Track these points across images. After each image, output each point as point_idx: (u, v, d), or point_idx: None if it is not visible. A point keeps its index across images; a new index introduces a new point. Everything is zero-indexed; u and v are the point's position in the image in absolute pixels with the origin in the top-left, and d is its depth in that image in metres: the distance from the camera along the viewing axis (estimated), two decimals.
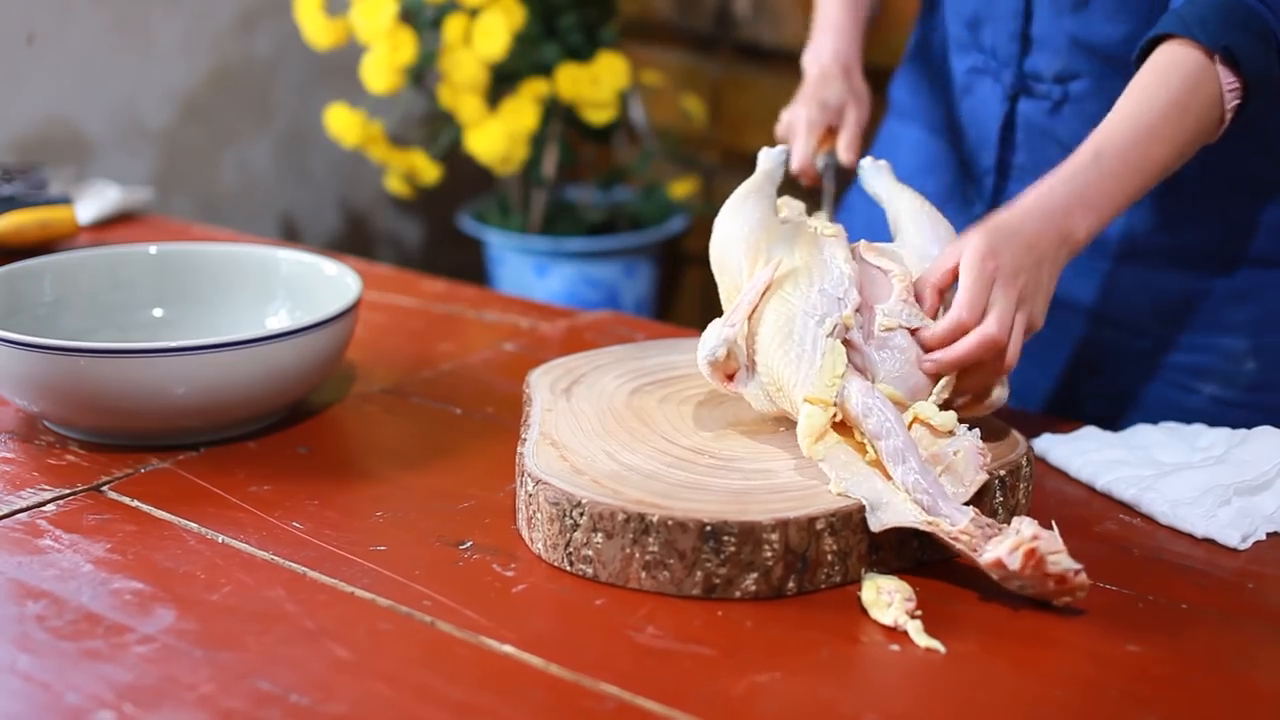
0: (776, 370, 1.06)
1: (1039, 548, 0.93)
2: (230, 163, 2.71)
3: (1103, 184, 1.14)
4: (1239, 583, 1.01)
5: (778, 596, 0.97)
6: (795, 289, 1.08)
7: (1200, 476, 1.11)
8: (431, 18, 2.60)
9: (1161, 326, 1.35)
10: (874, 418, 1.01)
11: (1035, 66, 1.35)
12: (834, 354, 1.04)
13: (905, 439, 1.00)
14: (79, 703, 0.85)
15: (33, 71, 2.35)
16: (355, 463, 1.21)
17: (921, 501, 0.97)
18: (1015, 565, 0.93)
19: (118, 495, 1.11)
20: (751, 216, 1.17)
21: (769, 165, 1.25)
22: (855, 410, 1.02)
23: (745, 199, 1.19)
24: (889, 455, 1.00)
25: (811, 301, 1.07)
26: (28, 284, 1.31)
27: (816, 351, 1.04)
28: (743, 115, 2.86)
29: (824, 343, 1.05)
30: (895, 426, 1.00)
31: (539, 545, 1.02)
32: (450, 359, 1.43)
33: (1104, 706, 0.86)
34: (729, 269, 1.16)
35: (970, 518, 0.96)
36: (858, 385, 1.03)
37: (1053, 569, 0.93)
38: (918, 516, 0.97)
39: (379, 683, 0.87)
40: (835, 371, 1.04)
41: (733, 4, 2.86)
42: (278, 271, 1.38)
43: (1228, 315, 1.34)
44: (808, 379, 1.04)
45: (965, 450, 1.02)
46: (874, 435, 1.01)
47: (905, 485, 0.98)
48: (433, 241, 3.13)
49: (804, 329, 1.06)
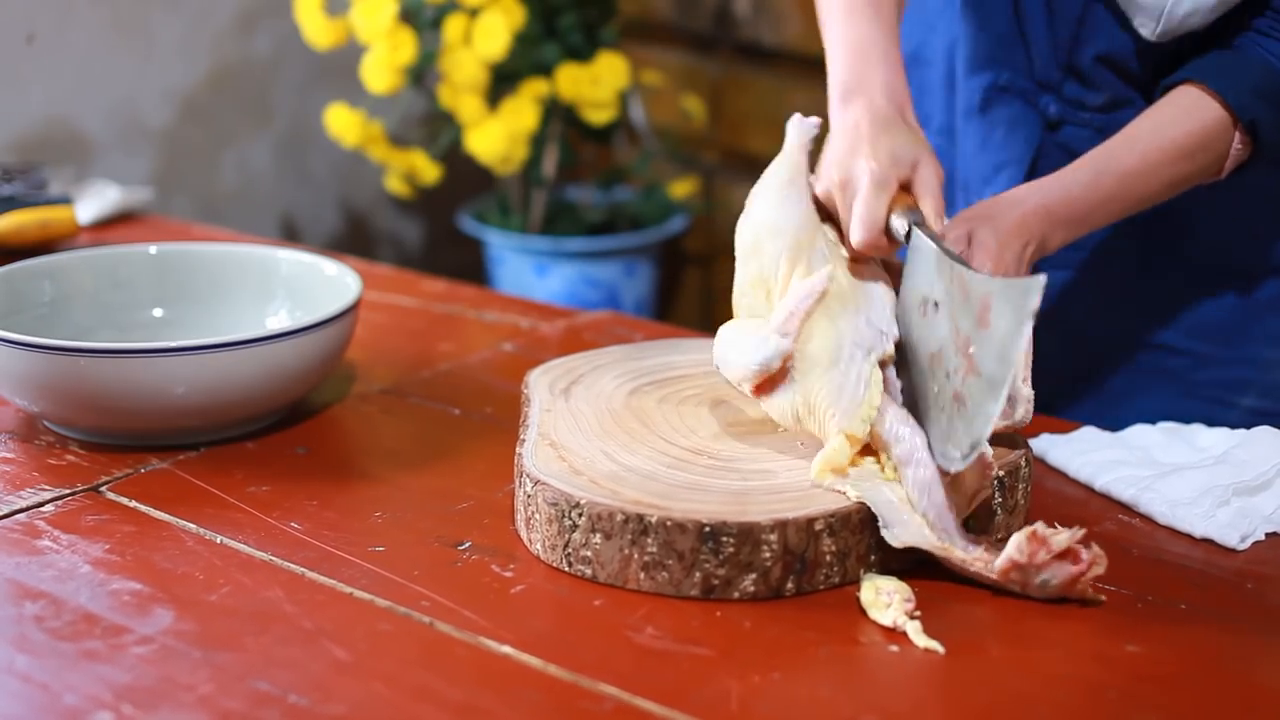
0: (815, 393, 1.04)
1: (1038, 529, 0.94)
2: (230, 163, 2.71)
3: (1092, 204, 1.16)
4: (1238, 583, 1.01)
5: (776, 597, 0.97)
6: (843, 312, 1.06)
7: (1199, 477, 1.11)
8: (431, 18, 2.60)
9: (1196, 343, 1.35)
10: (904, 445, 1.01)
11: (1079, 94, 1.32)
12: (874, 387, 1.03)
13: (933, 472, 0.99)
14: (77, 703, 0.85)
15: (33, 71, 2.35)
16: (354, 463, 1.21)
17: (938, 533, 0.98)
18: (1026, 552, 0.94)
19: (116, 496, 1.11)
20: (796, 211, 1.10)
21: (802, 139, 1.13)
22: (886, 435, 1.02)
23: (788, 186, 1.11)
24: (915, 483, 0.99)
25: (859, 331, 1.05)
26: (28, 284, 1.31)
27: (860, 384, 1.03)
28: (743, 115, 2.86)
29: (868, 374, 1.03)
30: (924, 457, 1.00)
31: (537, 546, 1.02)
32: (450, 359, 1.43)
33: (1103, 706, 0.86)
34: (763, 258, 1.10)
35: (984, 549, 0.97)
36: (893, 412, 1.02)
37: (1059, 545, 0.94)
38: (933, 540, 0.98)
39: (378, 683, 0.87)
40: (873, 404, 1.02)
41: (733, 4, 2.86)
42: (278, 271, 1.38)
43: (1260, 326, 1.34)
44: (846, 410, 1.02)
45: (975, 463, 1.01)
46: (902, 461, 1.00)
47: (923, 514, 0.99)
48: (433, 241, 3.13)
49: (850, 359, 1.04)
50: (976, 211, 1.15)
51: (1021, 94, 1.35)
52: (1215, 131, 1.17)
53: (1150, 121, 1.19)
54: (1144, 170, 1.17)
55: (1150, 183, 1.18)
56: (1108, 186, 1.16)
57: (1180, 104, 1.19)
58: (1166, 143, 1.17)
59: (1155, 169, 1.17)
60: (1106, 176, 1.16)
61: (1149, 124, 1.19)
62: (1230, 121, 1.17)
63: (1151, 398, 1.37)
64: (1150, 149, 1.17)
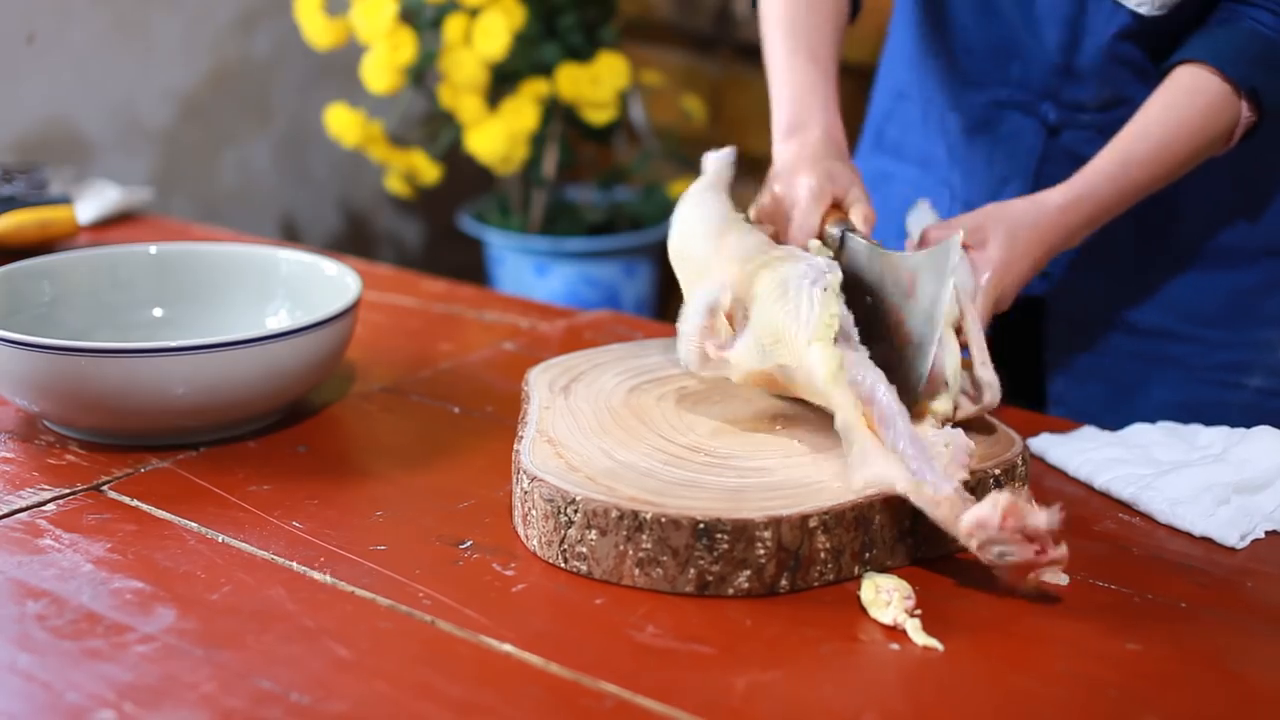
0: (776, 321, 1.06)
1: (1020, 501, 0.94)
2: (230, 163, 2.71)
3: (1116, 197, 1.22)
4: (1238, 581, 1.02)
5: (771, 594, 0.97)
6: (783, 263, 1.09)
7: (1199, 475, 1.11)
8: (431, 18, 2.60)
9: (1198, 328, 1.38)
10: (865, 385, 1.02)
11: (1077, 97, 1.34)
12: (828, 304, 1.05)
13: (895, 405, 1.01)
14: (79, 702, 0.85)
15: (33, 71, 2.35)
16: (355, 462, 1.21)
17: (909, 465, 0.98)
18: (995, 521, 0.93)
19: (118, 495, 1.11)
20: (712, 208, 1.18)
21: (716, 168, 1.23)
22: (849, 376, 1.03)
23: (703, 193, 1.20)
24: (879, 419, 1.01)
25: (801, 271, 1.08)
26: (28, 284, 1.31)
27: (815, 305, 1.05)
28: (743, 115, 2.86)
29: (819, 296, 1.05)
30: (886, 393, 1.02)
31: (534, 542, 1.02)
32: (450, 358, 1.43)
33: (1103, 705, 0.86)
34: (692, 257, 1.17)
35: (955, 487, 0.97)
36: (851, 357, 1.04)
37: (1033, 525, 0.93)
38: (902, 477, 0.97)
39: (379, 681, 0.87)
40: (831, 311, 1.04)
41: (733, 4, 2.87)
42: (278, 271, 1.38)
43: (1261, 307, 1.37)
44: (808, 325, 1.04)
45: (956, 445, 1.02)
46: (865, 400, 1.02)
47: (894, 448, 0.99)
48: (433, 241, 3.13)
49: (799, 289, 1.06)
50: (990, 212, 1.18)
51: (1020, 106, 1.37)
52: (1220, 105, 1.21)
53: (1158, 107, 1.22)
54: (1161, 156, 1.21)
55: (1168, 165, 1.22)
56: (1131, 177, 1.21)
57: (1182, 85, 1.22)
58: (1176, 125, 1.21)
59: (1172, 152, 1.21)
60: (1128, 168, 1.21)
61: (1157, 110, 1.22)
62: (1232, 93, 1.21)
63: (1161, 385, 1.39)
64: (1164, 134, 1.21)
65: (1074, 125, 1.35)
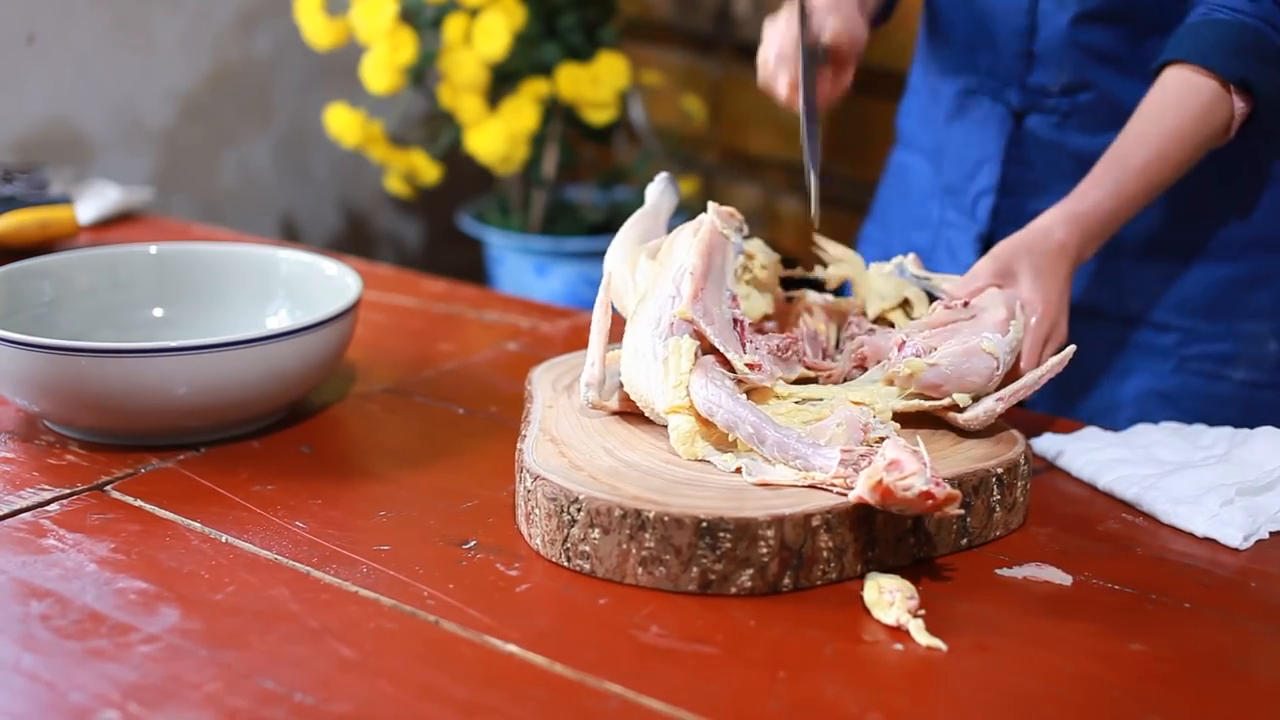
0: (640, 391, 1.08)
1: (885, 479, 0.94)
2: (230, 163, 2.71)
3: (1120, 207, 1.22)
4: (1242, 581, 1.02)
5: (774, 593, 0.97)
6: (642, 309, 1.11)
7: (1202, 475, 1.11)
8: (431, 18, 2.60)
9: (1185, 319, 1.39)
10: (720, 414, 1.03)
11: (1040, 81, 1.37)
12: (676, 354, 1.06)
13: (755, 419, 1.02)
14: (83, 701, 0.85)
15: (33, 71, 2.35)
16: (358, 462, 1.21)
17: (794, 465, 1.01)
18: (875, 501, 0.95)
19: (121, 495, 1.11)
20: (630, 233, 1.22)
21: (652, 197, 1.28)
22: (703, 411, 1.04)
23: (635, 221, 1.24)
24: (748, 441, 1.03)
25: (649, 315, 1.09)
26: (27, 284, 1.31)
27: (659, 363, 1.06)
28: (743, 115, 2.86)
29: (662, 347, 1.07)
30: (742, 412, 1.03)
31: (537, 541, 1.02)
32: (451, 359, 1.43)
33: (1107, 705, 0.86)
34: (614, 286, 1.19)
35: (838, 459, 0.99)
36: (698, 383, 1.05)
37: (903, 495, 0.94)
38: (793, 476, 1.00)
39: (383, 682, 0.87)
40: (681, 369, 1.06)
41: (733, 4, 2.87)
42: (278, 271, 1.38)
43: (1247, 300, 1.38)
44: (663, 387, 1.06)
45: (847, 422, 1.04)
46: (727, 429, 1.03)
47: (776, 459, 1.01)
48: (433, 241, 3.13)
49: (646, 342, 1.08)
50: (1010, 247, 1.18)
51: (989, 93, 1.41)
52: (1212, 101, 1.22)
53: (1150, 113, 1.23)
54: (1160, 161, 1.22)
55: (1168, 169, 1.23)
56: (1132, 187, 1.22)
57: (1171, 87, 1.23)
58: (1171, 129, 1.21)
59: (1170, 156, 1.22)
60: (1128, 177, 1.21)
61: (1149, 116, 1.23)
62: (1221, 88, 1.22)
63: (1145, 375, 1.40)
64: (1160, 139, 1.22)
65: (1039, 109, 1.39)
